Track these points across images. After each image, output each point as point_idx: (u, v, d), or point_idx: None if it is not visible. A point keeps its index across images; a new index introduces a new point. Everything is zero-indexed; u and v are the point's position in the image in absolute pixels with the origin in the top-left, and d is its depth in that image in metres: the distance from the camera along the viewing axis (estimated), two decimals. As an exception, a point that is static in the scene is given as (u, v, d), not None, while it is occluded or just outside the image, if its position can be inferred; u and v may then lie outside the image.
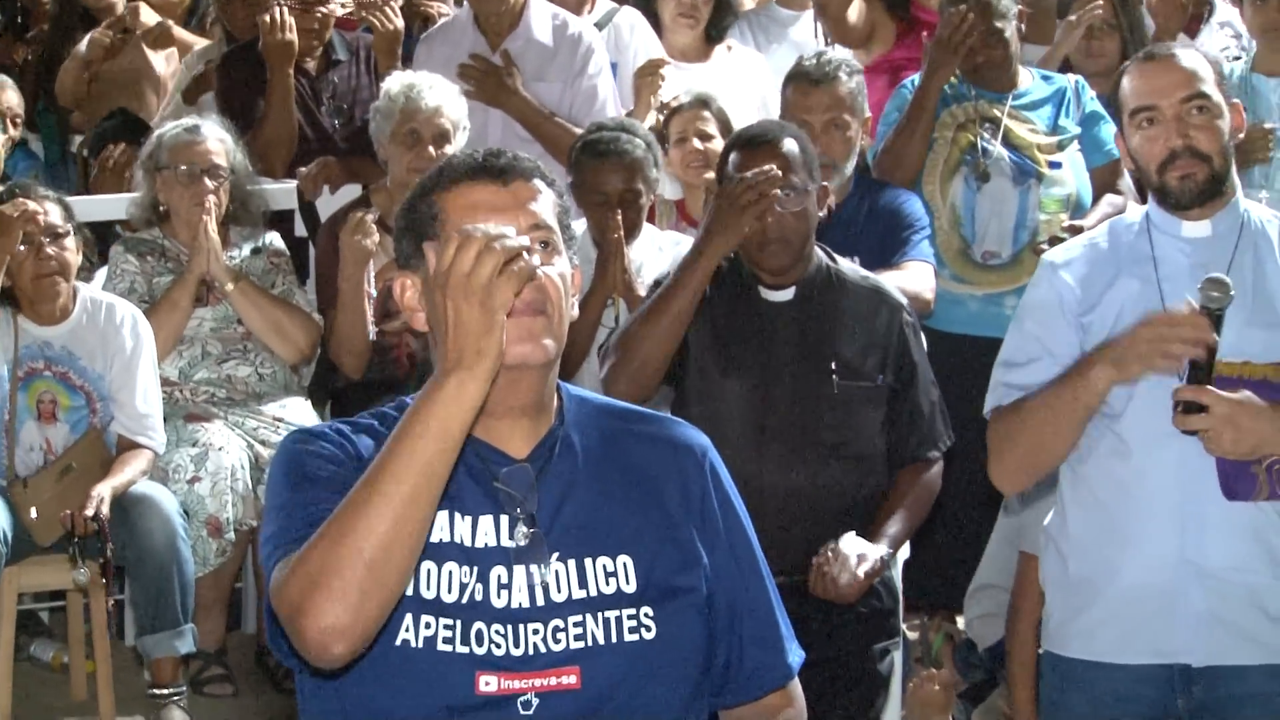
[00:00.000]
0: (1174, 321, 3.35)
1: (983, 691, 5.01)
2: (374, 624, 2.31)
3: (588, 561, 2.49)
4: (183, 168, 5.60)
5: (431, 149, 5.51)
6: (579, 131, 5.53)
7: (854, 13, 6.43)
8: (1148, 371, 3.40)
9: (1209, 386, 3.39)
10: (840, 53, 5.36)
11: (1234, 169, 3.61)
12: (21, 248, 5.26)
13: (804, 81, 5.19)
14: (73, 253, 5.36)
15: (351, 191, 6.02)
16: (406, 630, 2.45)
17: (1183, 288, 3.52)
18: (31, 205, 5.22)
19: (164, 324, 5.53)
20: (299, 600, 2.28)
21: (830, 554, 4.19)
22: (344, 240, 5.40)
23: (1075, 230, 5.23)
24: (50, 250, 5.30)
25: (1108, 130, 5.34)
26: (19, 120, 6.49)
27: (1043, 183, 5.48)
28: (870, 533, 4.31)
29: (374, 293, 5.50)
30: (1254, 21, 6.03)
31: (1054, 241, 5.06)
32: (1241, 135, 3.64)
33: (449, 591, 2.48)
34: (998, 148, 5.49)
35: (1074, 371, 3.48)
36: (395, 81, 5.68)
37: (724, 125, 5.69)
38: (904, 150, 5.47)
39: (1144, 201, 3.80)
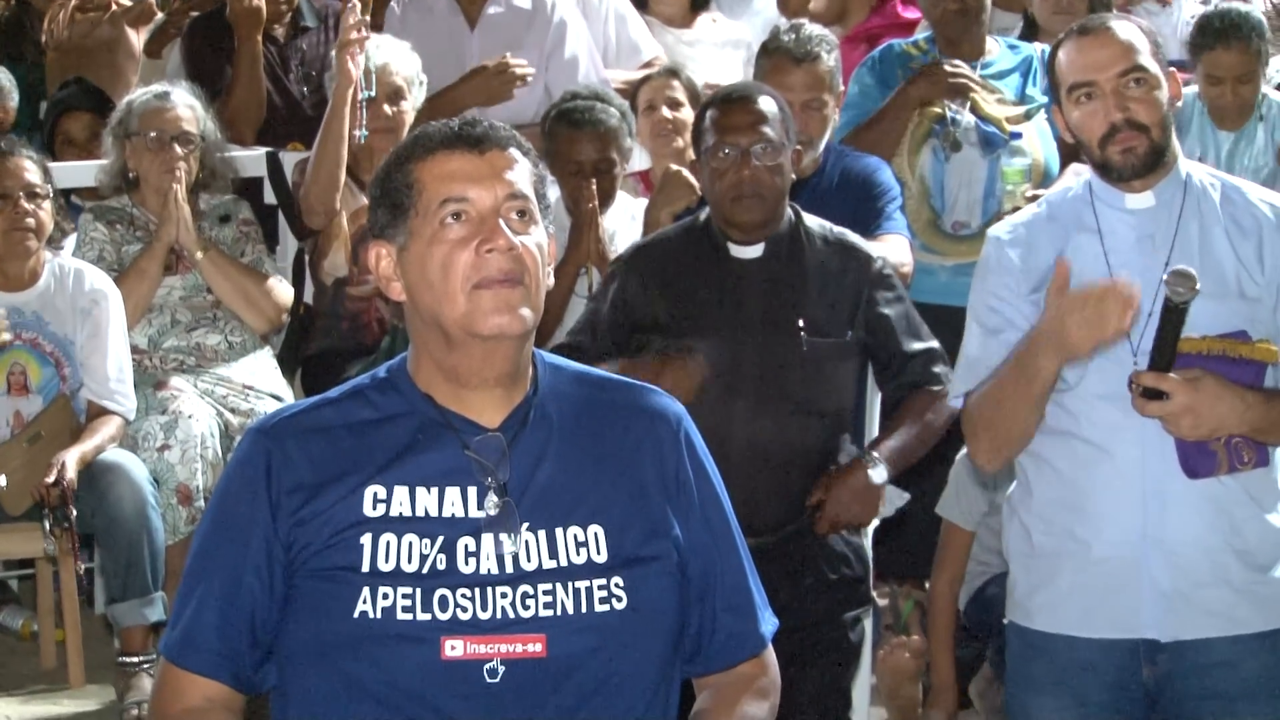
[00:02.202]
0: (1099, 297, 3.36)
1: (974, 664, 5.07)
2: None
3: (558, 531, 2.50)
4: (152, 134, 5.58)
5: (387, 107, 5.52)
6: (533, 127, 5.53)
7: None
8: (1095, 353, 3.42)
9: (1169, 374, 3.42)
10: (816, 27, 5.34)
11: (1174, 137, 3.62)
12: None
13: (785, 58, 5.13)
14: (48, 215, 5.34)
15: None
16: (364, 602, 2.46)
17: (1129, 258, 3.53)
18: None
19: (133, 292, 5.50)
20: None
21: (825, 488, 4.26)
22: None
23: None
24: (27, 206, 5.28)
25: None
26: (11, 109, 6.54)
27: (986, 150, 5.50)
28: (871, 445, 4.35)
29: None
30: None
31: (962, 78, 5.19)
32: (1179, 103, 3.65)
33: (409, 562, 2.49)
34: (967, 117, 5.50)
35: (1024, 357, 3.48)
36: None
37: (692, 94, 5.70)
38: (877, 144, 5.47)
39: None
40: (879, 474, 4.30)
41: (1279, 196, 3.73)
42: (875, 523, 4.80)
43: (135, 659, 5.22)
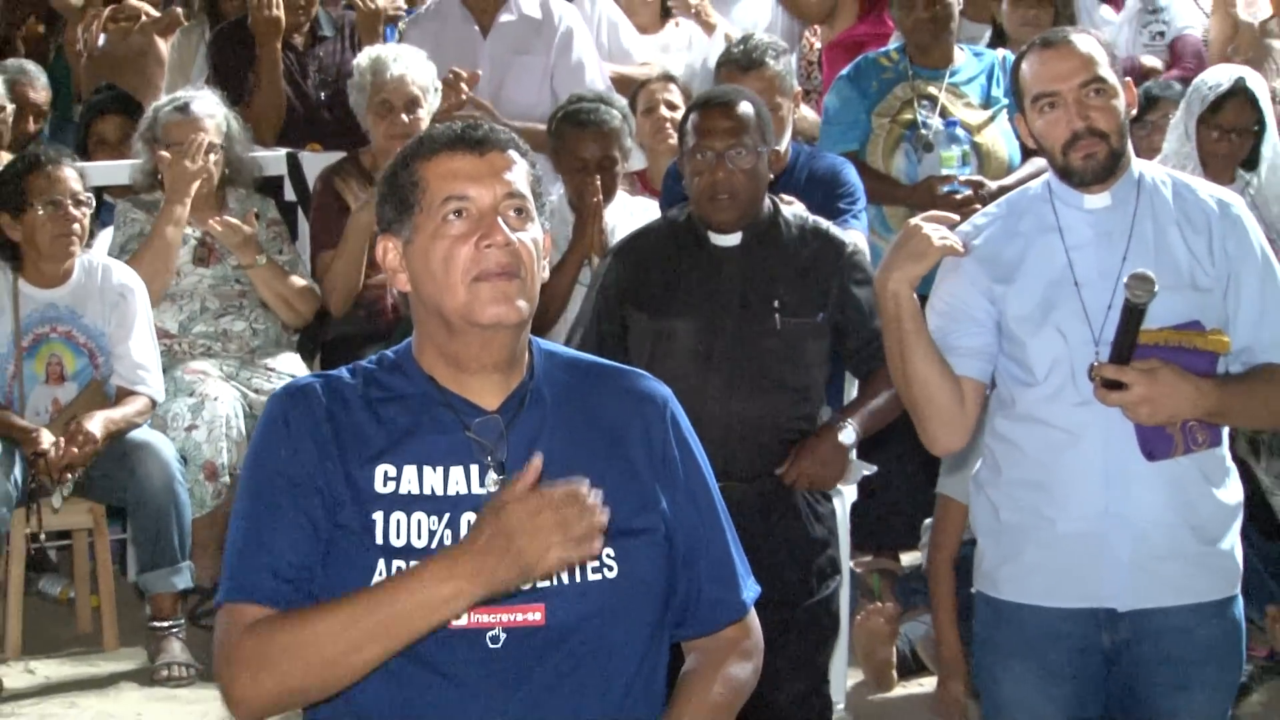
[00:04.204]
0: (911, 234, 3.41)
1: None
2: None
3: None
4: (177, 148, 5.58)
5: (404, 115, 5.54)
6: (542, 128, 5.53)
7: None
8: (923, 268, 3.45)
9: (1128, 366, 3.42)
10: (765, 36, 5.35)
11: (1130, 142, 3.62)
12: (41, 211, 5.25)
13: (733, 68, 5.16)
14: (87, 220, 5.36)
15: (333, 155, 6.02)
16: (379, 574, 2.46)
17: (1089, 255, 3.53)
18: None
19: (152, 262, 5.51)
20: (237, 674, 2.39)
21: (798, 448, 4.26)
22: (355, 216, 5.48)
23: (977, 186, 5.38)
24: (74, 213, 5.29)
25: None
26: (43, 115, 6.57)
27: (940, 145, 5.50)
28: (842, 411, 4.35)
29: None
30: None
31: (972, 201, 5.14)
32: (1134, 111, 3.65)
33: (418, 538, 2.49)
34: (936, 121, 5.51)
35: (879, 302, 3.54)
36: (364, 57, 5.72)
37: (687, 96, 5.70)
38: None
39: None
40: (848, 435, 4.32)
41: (1226, 192, 3.73)
42: (853, 497, 4.81)
43: (165, 623, 5.24)
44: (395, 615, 2.34)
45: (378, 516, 2.48)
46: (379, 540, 2.47)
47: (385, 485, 2.51)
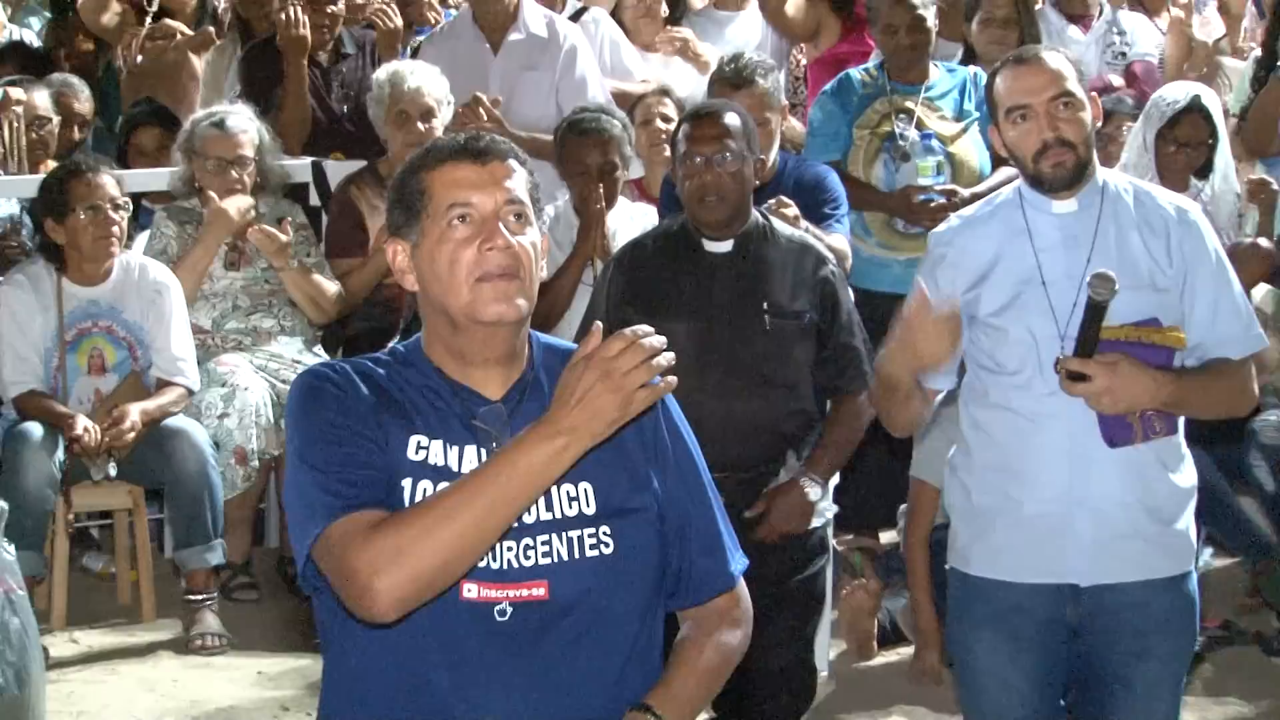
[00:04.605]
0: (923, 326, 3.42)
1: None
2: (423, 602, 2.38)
3: (553, 488, 2.48)
4: (212, 160, 5.59)
5: (420, 124, 5.54)
6: (548, 138, 5.52)
7: (792, 8, 6.42)
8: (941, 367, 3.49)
9: (1091, 359, 3.42)
10: (754, 55, 5.35)
11: (1095, 152, 3.62)
12: (82, 216, 5.26)
13: (725, 86, 5.14)
14: (125, 223, 5.37)
15: (354, 163, 6.01)
16: None
17: (1056, 256, 3.54)
18: None
19: (191, 269, 5.55)
20: (380, 566, 2.32)
21: (769, 500, 4.27)
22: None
23: (950, 194, 5.37)
24: (114, 216, 5.29)
25: None
26: (86, 124, 6.57)
27: (916, 155, 5.50)
28: (807, 463, 4.34)
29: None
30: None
31: (945, 208, 5.15)
32: (1099, 124, 3.65)
33: None
34: (912, 133, 5.50)
35: (881, 367, 3.57)
36: (382, 71, 5.72)
37: (681, 109, 5.68)
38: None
39: None
40: (815, 492, 4.33)
41: (1184, 199, 3.74)
42: (835, 480, 4.81)
43: (199, 596, 5.25)
44: (515, 478, 2.33)
45: (406, 483, 2.48)
46: (405, 505, 2.45)
47: (416, 454, 2.50)
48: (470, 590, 2.45)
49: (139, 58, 6.84)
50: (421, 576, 2.33)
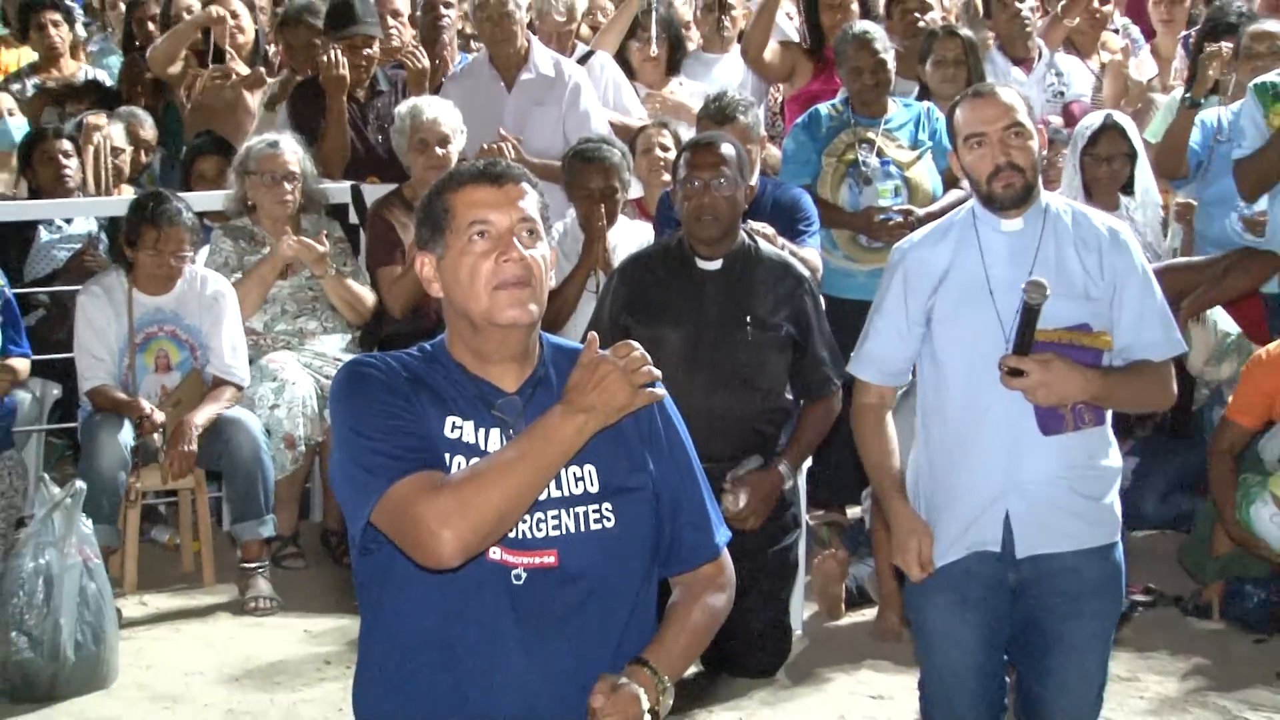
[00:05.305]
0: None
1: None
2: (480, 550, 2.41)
3: (562, 470, 2.48)
4: (266, 174, 5.59)
5: (438, 150, 5.54)
6: (557, 165, 5.51)
7: (771, 54, 6.43)
8: None
9: (1028, 357, 3.42)
10: (736, 93, 5.37)
11: (1040, 177, 3.62)
12: (147, 256, 5.27)
13: (709, 121, 5.18)
14: (188, 260, 5.36)
15: (388, 185, 6.00)
16: None
17: (1003, 268, 3.53)
18: None
19: (250, 292, 5.54)
20: (447, 518, 2.34)
21: (730, 487, 4.28)
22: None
23: (907, 213, 5.36)
24: (173, 264, 5.30)
25: None
26: (151, 149, 6.60)
27: (877, 180, 5.50)
28: (781, 456, 4.35)
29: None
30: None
31: (902, 226, 5.15)
32: (1045, 152, 3.66)
33: None
34: (874, 160, 5.51)
35: (884, 495, 3.61)
36: (403, 106, 5.74)
37: (677, 140, 5.68)
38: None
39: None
40: (788, 481, 4.33)
41: (1115, 220, 3.73)
42: (808, 463, 4.81)
43: (252, 564, 5.24)
44: (550, 446, 2.39)
45: (446, 458, 2.48)
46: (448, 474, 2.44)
47: (452, 432, 2.50)
48: (494, 554, 2.46)
49: (199, 95, 6.84)
50: (481, 527, 2.36)
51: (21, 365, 5.34)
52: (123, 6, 7.79)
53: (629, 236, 5.31)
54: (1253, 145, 5.27)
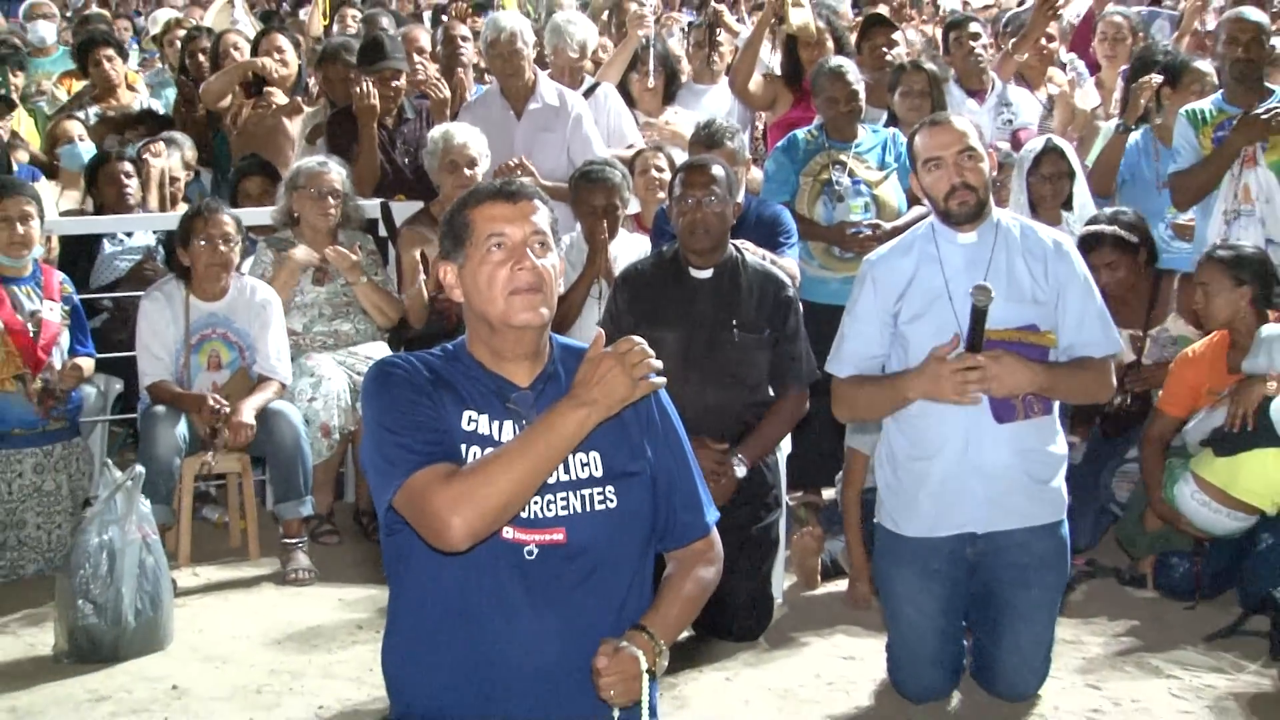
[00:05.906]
0: (949, 371, 3.43)
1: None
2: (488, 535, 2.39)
3: (569, 456, 2.48)
4: (314, 189, 5.59)
5: (466, 171, 5.53)
6: (564, 185, 5.50)
7: (755, 85, 6.43)
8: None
9: (980, 354, 3.43)
10: (724, 121, 5.36)
11: (992, 195, 3.62)
12: (202, 243, 5.24)
13: (699, 145, 5.18)
14: (236, 254, 5.34)
15: (417, 205, 5.99)
16: None
17: (960, 277, 3.54)
18: None
19: (285, 286, 5.54)
20: (457, 506, 2.34)
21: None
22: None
23: (875, 227, 5.34)
24: (223, 249, 5.27)
25: None
26: (194, 169, 6.61)
27: (849, 197, 5.49)
28: (740, 448, 4.32)
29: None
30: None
31: (871, 239, 5.14)
32: (996, 173, 3.67)
33: None
34: (845, 179, 5.50)
35: (896, 387, 3.54)
36: (436, 131, 5.72)
37: (671, 163, 5.67)
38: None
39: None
40: (740, 471, 4.30)
41: (1059, 233, 3.75)
42: (788, 449, 4.80)
43: (293, 540, 5.23)
44: (554, 438, 2.37)
45: (462, 448, 2.48)
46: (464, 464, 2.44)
47: (469, 425, 2.50)
48: (508, 532, 2.46)
49: (244, 123, 6.84)
50: (488, 514, 2.35)
51: (87, 364, 5.34)
52: (178, 44, 7.79)
53: (628, 248, 5.30)
54: (1187, 161, 5.33)
